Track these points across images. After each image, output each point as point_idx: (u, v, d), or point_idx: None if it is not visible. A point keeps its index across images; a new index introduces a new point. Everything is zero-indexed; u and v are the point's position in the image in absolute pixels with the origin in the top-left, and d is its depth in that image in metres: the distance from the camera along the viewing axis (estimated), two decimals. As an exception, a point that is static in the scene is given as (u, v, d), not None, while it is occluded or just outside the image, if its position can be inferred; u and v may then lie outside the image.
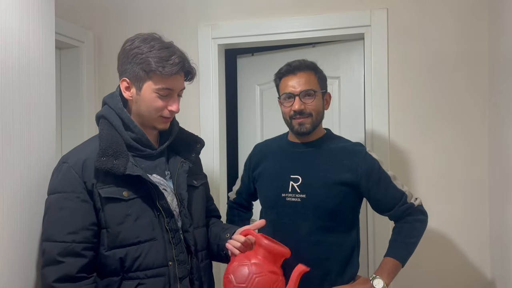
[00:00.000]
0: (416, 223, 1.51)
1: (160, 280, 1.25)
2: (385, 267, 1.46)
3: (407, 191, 1.52)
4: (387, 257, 1.49)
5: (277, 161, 1.60)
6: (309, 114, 1.50)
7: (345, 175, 1.49)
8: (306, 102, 1.49)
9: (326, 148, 1.56)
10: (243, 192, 1.77)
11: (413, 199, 1.53)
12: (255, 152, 1.72)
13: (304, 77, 1.50)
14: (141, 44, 1.25)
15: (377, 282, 1.43)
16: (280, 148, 1.64)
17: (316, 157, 1.54)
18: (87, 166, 1.22)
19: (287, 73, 1.52)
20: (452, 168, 1.92)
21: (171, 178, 1.36)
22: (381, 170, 1.51)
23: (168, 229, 1.28)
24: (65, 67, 2.15)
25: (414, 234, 1.51)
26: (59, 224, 1.19)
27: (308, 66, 1.53)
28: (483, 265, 1.89)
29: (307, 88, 1.49)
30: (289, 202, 1.52)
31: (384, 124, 1.97)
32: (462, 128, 1.91)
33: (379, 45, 1.97)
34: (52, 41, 1.41)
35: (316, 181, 1.50)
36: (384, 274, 1.44)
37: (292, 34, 2.07)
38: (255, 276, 1.23)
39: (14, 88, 1.23)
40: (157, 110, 1.29)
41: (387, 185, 1.50)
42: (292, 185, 1.52)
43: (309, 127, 1.51)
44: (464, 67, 1.90)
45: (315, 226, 1.49)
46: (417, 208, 1.52)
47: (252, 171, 1.68)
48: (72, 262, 1.17)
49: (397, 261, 1.47)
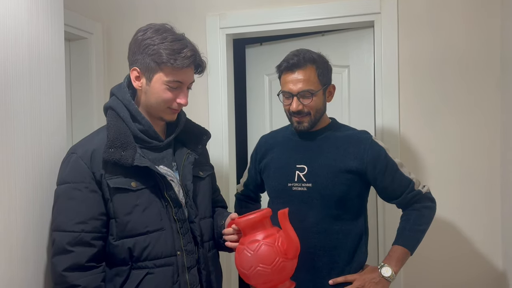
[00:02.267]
0: (424, 210, 1.50)
1: (169, 269, 1.26)
2: (393, 255, 1.46)
3: (414, 179, 1.51)
4: (395, 245, 1.49)
5: (283, 152, 1.60)
6: (307, 113, 1.49)
7: (351, 163, 1.48)
8: (304, 102, 1.47)
9: (331, 137, 1.55)
10: (250, 184, 1.77)
11: (421, 186, 1.52)
12: (261, 143, 1.72)
13: (303, 74, 1.46)
14: (153, 35, 1.25)
15: (385, 270, 1.43)
16: (285, 138, 1.63)
17: (321, 146, 1.54)
18: (95, 157, 1.24)
19: (286, 69, 1.49)
20: (464, 158, 1.89)
21: (177, 170, 1.37)
22: (387, 158, 1.50)
23: (176, 219, 1.30)
24: (74, 58, 2.17)
25: (422, 221, 1.50)
26: (68, 214, 1.21)
27: (308, 61, 1.47)
28: (494, 255, 1.86)
29: (305, 89, 1.46)
30: (295, 192, 1.52)
31: (394, 113, 1.95)
32: (474, 117, 1.88)
33: (389, 33, 1.94)
34: (61, 32, 1.42)
35: (322, 170, 1.49)
36: (392, 262, 1.44)
37: (300, 22, 2.05)
38: (254, 253, 1.25)
39: (25, 80, 1.24)
40: (166, 102, 1.29)
41: (394, 173, 1.49)
42: (298, 174, 1.52)
43: (307, 125, 1.51)
44: (475, 56, 1.86)
45: (321, 215, 1.48)
46: (425, 195, 1.51)
47: (259, 163, 1.68)
48: (82, 252, 1.19)
49: (405, 249, 1.47)
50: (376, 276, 1.44)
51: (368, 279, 1.44)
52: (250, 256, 1.25)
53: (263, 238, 1.26)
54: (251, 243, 1.26)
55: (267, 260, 1.23)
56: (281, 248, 1.25)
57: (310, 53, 1.50)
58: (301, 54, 1.48)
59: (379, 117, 1.98)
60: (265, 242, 1.25)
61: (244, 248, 1.27)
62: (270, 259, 1.23)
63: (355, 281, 1.45)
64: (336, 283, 1.46)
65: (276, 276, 1.25)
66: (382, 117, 1.97)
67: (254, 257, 1.24)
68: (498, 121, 1.85)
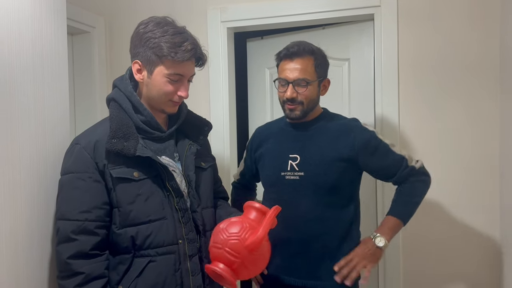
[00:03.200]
0: (417, 183, 1.55)
1: (171, 257, 1.28)
2: (385, 225, 1.52)
3: (406, 155, 1.55)
4: (388, 215, 1.54)
5: (277, 142, 1.64)
6: (300, 102, 1.52)
7: (342, 151, 1.52)
8: (299, 91, 1.51)
9: (323, 126, 1.59)
10: (246, 173, 1.81)
11: (414, 162, 1.56)
12: (256, 134, 1.77)
13: (301, 64, 1.50)
14: (154, 28, 1.27)
15: (379, 240, 1.48)
16: (279, 129, 1.68)
17: (313, 136, 1.58)
18: (98, 148, 1.26)
19: (285, 57, 1.53)
20: (463, 150, 1.90)
21: (179, 160, 1.39)
22: (377, 139, 1.54)
23: (177, 208, 1.32)
24: (77, 52, 2.19)
25: (415, 193, 1.55)
26: (72, 203, 1.23)
27: (307, 52, 1.51)
28: (493, 242, 1.88)
29: (301, 77, 1.50)
30: (288, 180, 1.56)
31: (394, 106, 1.96)
32: (473, 110, 1.89)
33: (389, 26, 1.95)
34: (64, 26, 1.44)
35: (314, 159, 1.54)
36: (384, 231, 1.50)
37: (301, 16, 2.07)
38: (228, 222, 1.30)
39: (29, 73, 1.26)
40: (167, 95, 1.31)
41: (386, 152, 1.54)
42: (290, 163, 1.57)
43: (298, 114, 1.54)
44: (475, 49, 1.87)
45: (313, 203, 1.53)
46: (419, 170, 1.55)
47: (254, 152, 1.72)
48: (85, 240, 1.21)
49: (397, 219, 1.52)
50: (371, 246, 1.48)
51: (364, 252, 1.48)
52: (223, 225, 1.30)
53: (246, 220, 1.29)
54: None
55: (233, 229, 1.26)
56: (248, 236, 1.24)
57: (310, 45, 1.54)
58: (301, 45, 1.52)
59: (379, 109, 1.99)
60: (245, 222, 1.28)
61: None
62: (236, 231, 1.26)
63: (353, 258, 1.48)
64: (340, 268, 1.48)
65: (227, 251, 1.24)
66: (382, 110, 1.98)
67: (225, 226, 1.29)
68: (497, 112, 1.86)
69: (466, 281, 1.93)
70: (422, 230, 1.94)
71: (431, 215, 1.93)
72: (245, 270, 1.26)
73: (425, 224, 1.93)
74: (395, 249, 1.96)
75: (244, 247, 1.22)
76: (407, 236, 1.96)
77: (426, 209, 1.92)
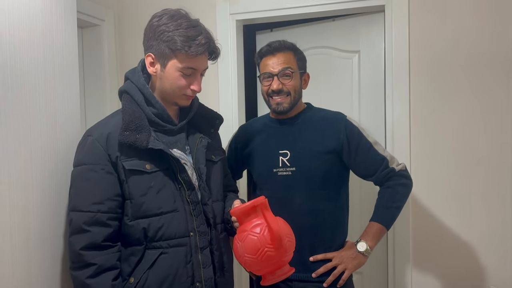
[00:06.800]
0: (398, 187, 1.57)
1: (182, 249, 1.29)
2: (369, 231, 1.54)
3: (388, 156, 1.57)
4: (371, 221, 1.56)
5: (264, 139, 1.67)
6: (287, 92, 1.56)
7: (329, 144, 1.56)
8: (284, 82, 1.55)
9: (308, 120, 1.62)
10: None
11: (395, 164, 1.58)
12: (240, 133, 1.78)
13: (283, 57, 1.56)
14: (168, 21, 1.26)
15: (361, 245, 1.52)
16: (265, 126, 1.69)
17: (300, 131, 1.60)
18: (111, 140, 1.26)
19: (267, 53, 1.58)
20: (475, 143, 1.88)
21: (190, 153, 1.39)
22: (360, 136, 1.57)
23: (189, 201, 1.32)
24: (87, 45, 2.19)
25: (396, 198, 1.56)
26: (84, 195, 1.24)
27: (287, 47, 1.58)
28: (505, 237, 1.87)
29: (285, 66, 1.54)
30: (281, 177, 1.59)
31: (405, 99, 1.94)
32: (485, 102, 1.86)
33: (400, 18, 1.93)
34: (74, 20, 1.44)
35: (304, 153, 1.57)
36: (368, 238, 1.53)
37: (311, 7, 2.04)
38: (241, 243, 1.28)
39: (39, 66, 1.27)
40: (180, 89, 1.31)
41: (367, 150, 1.56)
42: (281, 160, 1.59)
43: (286, 106, 1.57)
44: (486, 40, 1.85)
45: (306, 196, 1.56)
46: (399, 172, 1.57)
47: (241, 152, 1.74)
48: (98, 231, 1.22)
49: (380, 225, 1.54)
50: (353, 252, 1.52)
51: (346, 256, 1.53)
52: (239, 246, 1.29)
53: (251, 228, 1.28)
54: (240, 233, 1.30)
55: (251, 250, 1.26)
56: (266, 238, 1.25)
57: (289, 42, 1.60)
58: (281, 41, 1.59)
59: (389, 102, 1.97)
60: (251, 232, 1.27)
61: (236, 238, 1.32)
62: (255, 249, 1.25)
63: (334, 258, 1.53)
64: (316, 260, 1.55)
65: (264, 264, 1.27)
66: (392, 102, 1.97)
67: (241, 247, 1.28)
68: (509, 105, 1.83)
69: (474, 246, 1.91)
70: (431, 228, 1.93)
71: (441, 209, 1.92)
72: (289, 255, 1.33)
73: (435, 219, 1.92)
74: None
75: (275, 249, 1.25)
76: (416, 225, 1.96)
77: (437, 202, 1.92)
